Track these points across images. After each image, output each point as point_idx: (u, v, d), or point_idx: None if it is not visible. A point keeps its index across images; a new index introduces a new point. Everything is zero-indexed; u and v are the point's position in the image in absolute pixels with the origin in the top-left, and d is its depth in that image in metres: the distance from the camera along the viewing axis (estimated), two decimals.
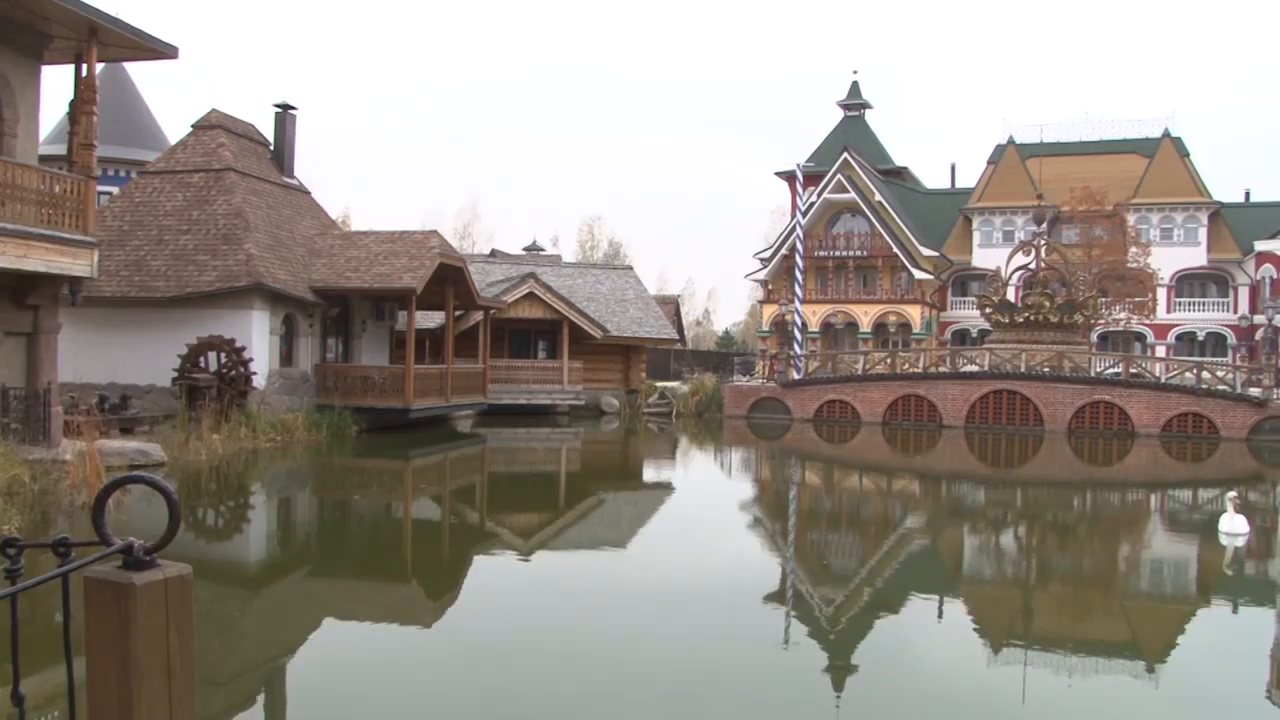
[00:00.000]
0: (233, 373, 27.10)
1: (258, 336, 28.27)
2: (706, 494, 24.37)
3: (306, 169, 38.31)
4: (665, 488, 25.69)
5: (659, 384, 48.32)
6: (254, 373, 27.39)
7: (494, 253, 62.10)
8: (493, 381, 37.95)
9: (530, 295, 40.51)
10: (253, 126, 34.34)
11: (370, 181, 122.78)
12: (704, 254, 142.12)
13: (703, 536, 17.48)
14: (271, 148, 34.72)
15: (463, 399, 34.84)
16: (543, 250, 67.11)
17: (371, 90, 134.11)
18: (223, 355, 27.27)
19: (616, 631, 10.60)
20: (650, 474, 28.98)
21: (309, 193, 36.11)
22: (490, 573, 13.96)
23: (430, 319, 38.47)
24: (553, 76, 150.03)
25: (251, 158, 32.88)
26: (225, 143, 31.76)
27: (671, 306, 65.08)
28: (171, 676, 2.54)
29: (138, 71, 47.49)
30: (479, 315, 37.93)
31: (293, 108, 35.01)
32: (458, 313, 36.70)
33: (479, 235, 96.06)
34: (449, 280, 32.90)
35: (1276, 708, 9.23)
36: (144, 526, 12.61)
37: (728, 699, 8.61)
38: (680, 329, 66.21)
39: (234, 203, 29.89)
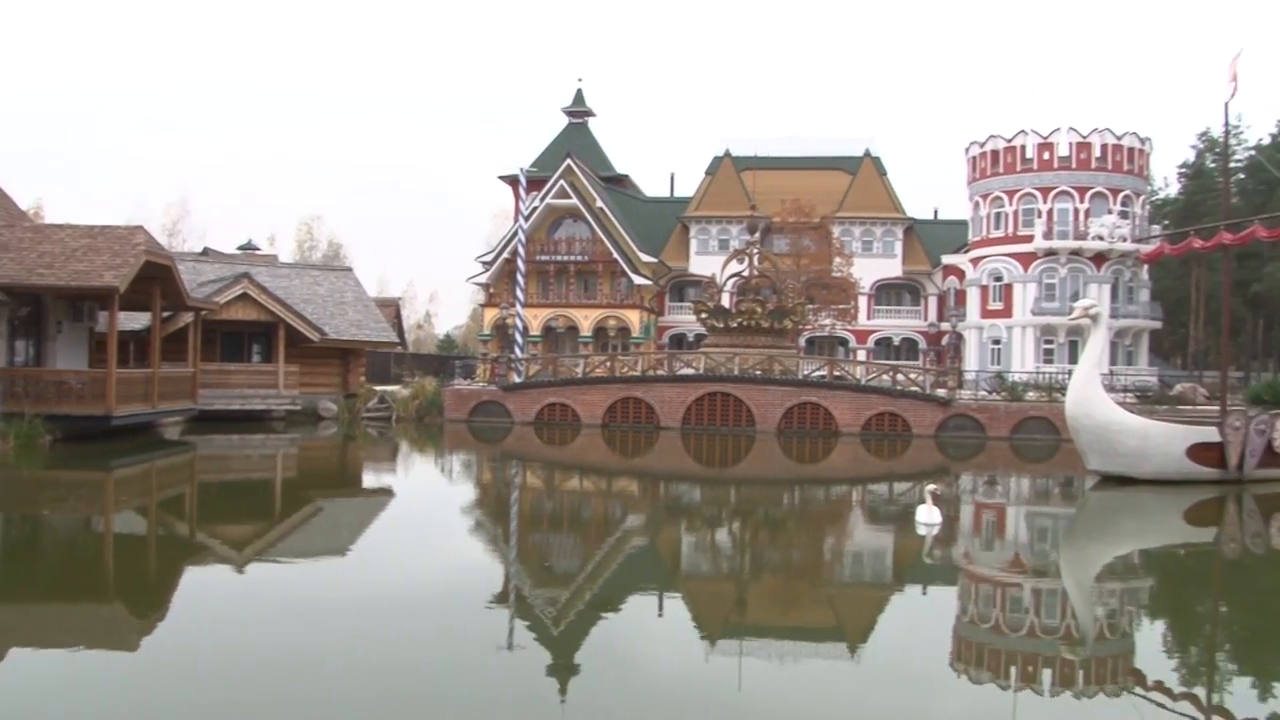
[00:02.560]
0: None
1: None
2: (427, 499, 24.08)
3: None
4: (385, 493, 25.25)
5: (379, 388, 47.37)
6: None
7: (206, 251, 59.29)
8: (204, 386, 36.22)
9: (244, 296, 38.93)
10: None
11: (67, 173, 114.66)
12: (426, 257, 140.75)
13: (424, 542, 17.30)
14: None
15: (171, 404, 33.10)
16: (259, 250, 64.58)
17: (69, 77, 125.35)
18: None
19: (337, 640, 10.33)
20: (370, 479, 28.41)
21: None
22: (201, 587, 13.31)
23: (136, 320, 36.33)
24: (269, 71, 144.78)
25: None
26: None
27: (392, 309, 64.06)
28: None
29: None
30: (189, 316, 36.11)
31: None
32: (166, 314, 34.85)
33: (190, 233, 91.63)
34: (156, 279, 31.15)
35: (955, 676, 10.04)
36: None
37: (452, 702, 8.57)
38: (401, 332, 65.23)
39: None
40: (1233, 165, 69.38)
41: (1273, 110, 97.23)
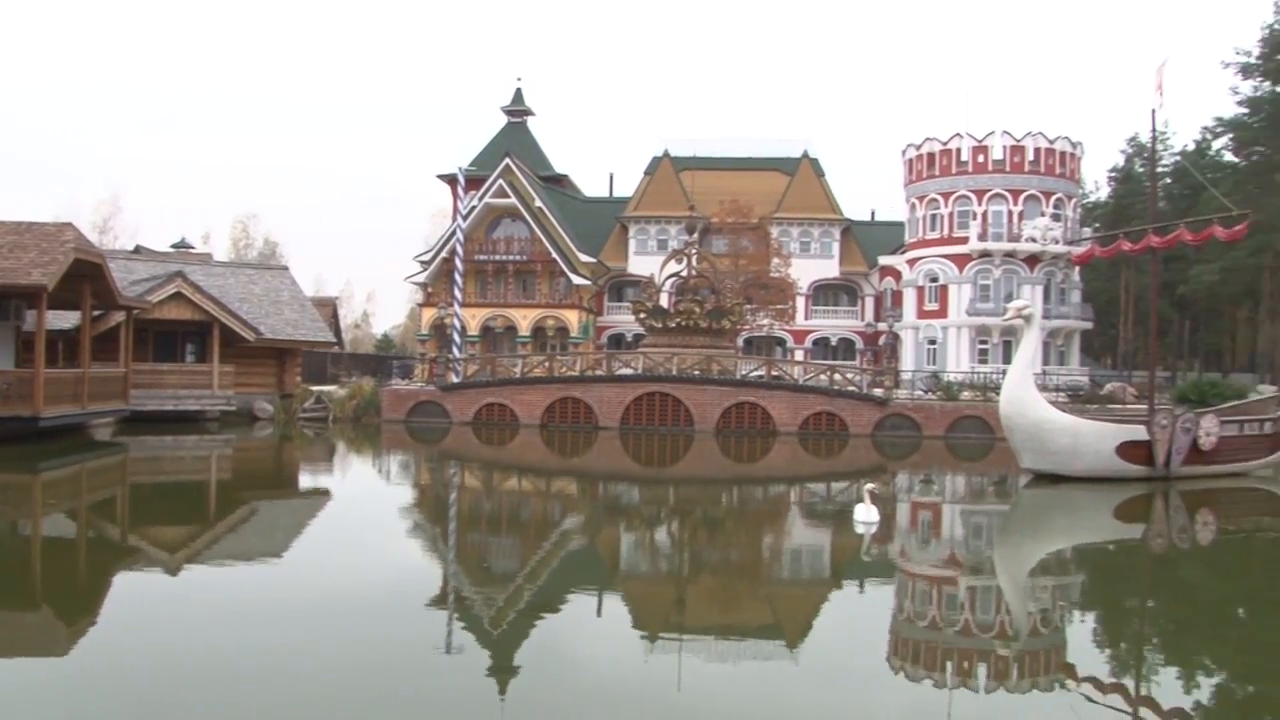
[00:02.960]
0: None
1: None
2: (365, 500, 23.86)
3: None
4: (322, 494, 24.98)
5: (315, 388, 46.88)
6: None
7: (138, 249, 58.20)
8: (136, 386, 35.62)
9: (178, 295, 38.33)
10: None
11: None
12: (364, 256, 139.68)
13: (362, 543, 17.13)
14: None
15: (102, 405, 32.50)
16: (193, 248, 63.66)
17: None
18: None
19: (274, 643, 10.20)
20: (306, 480, 28.09)
21: None
22: (134, 591, 13.06)
23: (65, 319, 35.61)
24: (204, 68, 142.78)
25: None
26: None
27: (329, 308, 63.39)
28: None
29: None
30: (120, 315, 35.48)
31: None
32: (96, 312, 34.23)
33: (122, 230, 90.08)
34: (86, 277, 30.55)
35: (893, 673, 10.15)
36: None
37: (391, 703, 8.48)
38: (338, 331, 64.60)
39: None
40: (1160, 170, 70.81)
41: (1198, 117, 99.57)
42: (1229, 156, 70.67)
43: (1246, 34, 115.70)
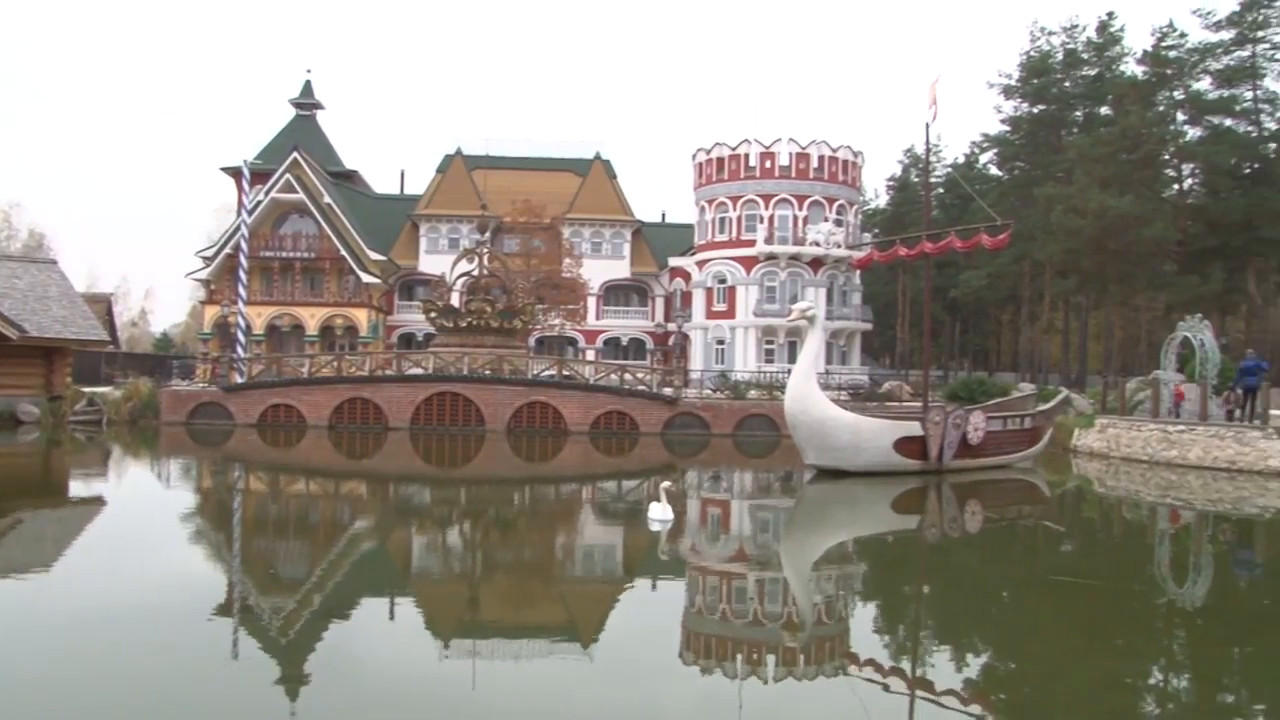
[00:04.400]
0: None
1: None
2: (142, 507, 22.75)
3: None
4: (96, 502, 23.67)
5: (88, 389, 44.50)
6: None
7: None
8: None
9: None
10: None
11: None
12: (141, 251, 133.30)
13: (141, 553, 16.33)
14: None
15: None
16: None
17: None
18: None
19: (44, 658, 9.61)
20: (78, 488, 26.54)
21: None
22: None
23: None
24: None
25: None
26: None
27: (103, 305, 60.36)
28: None
29: None
30: None
31: None
32: None
33: None
34: None
35: (685, 666, 10.34)
36: None
37: (176, 714, 8.18)
38: (113, 330, 61.59)
39: None
40: (933, 180, 74.67)
41: (968, 132, 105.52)
42: (994, 170, 75.10)
43: (1009, 58, 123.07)
